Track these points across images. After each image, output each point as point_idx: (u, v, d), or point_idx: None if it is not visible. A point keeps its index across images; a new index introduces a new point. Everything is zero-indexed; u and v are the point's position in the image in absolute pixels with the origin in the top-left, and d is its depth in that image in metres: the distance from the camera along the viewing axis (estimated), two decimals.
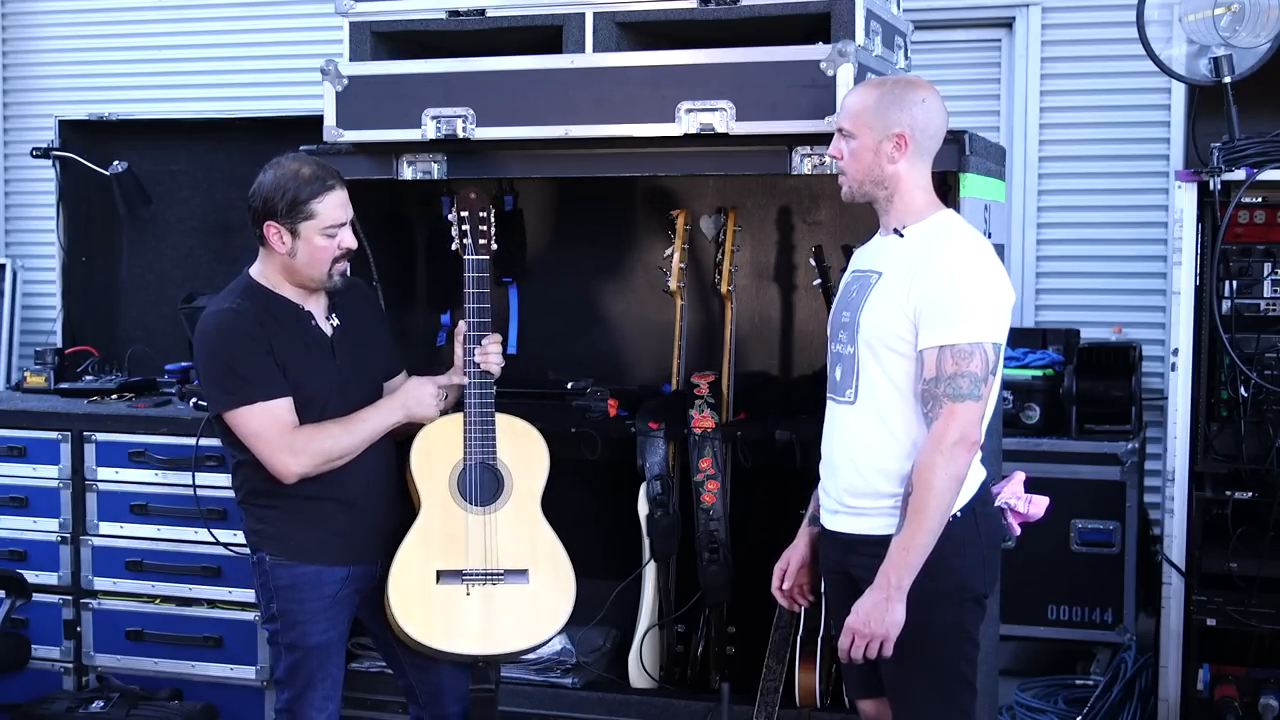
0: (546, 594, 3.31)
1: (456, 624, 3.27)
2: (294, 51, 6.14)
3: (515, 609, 3.28)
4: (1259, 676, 4.06)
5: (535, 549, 3.33)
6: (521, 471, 3.39)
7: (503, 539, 3.32)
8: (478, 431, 3.37)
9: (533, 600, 3.30)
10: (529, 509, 3.36)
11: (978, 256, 2.93)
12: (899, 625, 2.84)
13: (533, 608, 3.30)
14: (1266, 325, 4.03)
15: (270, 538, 3.33)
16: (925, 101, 2.96)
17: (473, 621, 3.27)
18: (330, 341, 3.35)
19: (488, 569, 3.28)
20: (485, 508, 3.34)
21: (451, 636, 3.26)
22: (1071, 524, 4.75)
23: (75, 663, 4.46)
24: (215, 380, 3.25)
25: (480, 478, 3.36)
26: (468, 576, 3.29)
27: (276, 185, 3.23)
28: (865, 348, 2.94)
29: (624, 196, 4.28)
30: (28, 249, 6.53)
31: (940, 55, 5.64)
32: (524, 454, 3.41)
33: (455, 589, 3.28)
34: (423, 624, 3.25)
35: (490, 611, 3.27)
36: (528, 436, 3.44)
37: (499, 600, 3.27)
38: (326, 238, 3.24)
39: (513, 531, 3.33)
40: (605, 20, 3.60)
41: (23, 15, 6.66)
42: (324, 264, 3.27)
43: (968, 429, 2.83)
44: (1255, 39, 4.00)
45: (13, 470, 4.48)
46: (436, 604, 3.27)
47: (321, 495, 3.29)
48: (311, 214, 3.22)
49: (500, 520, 3.33)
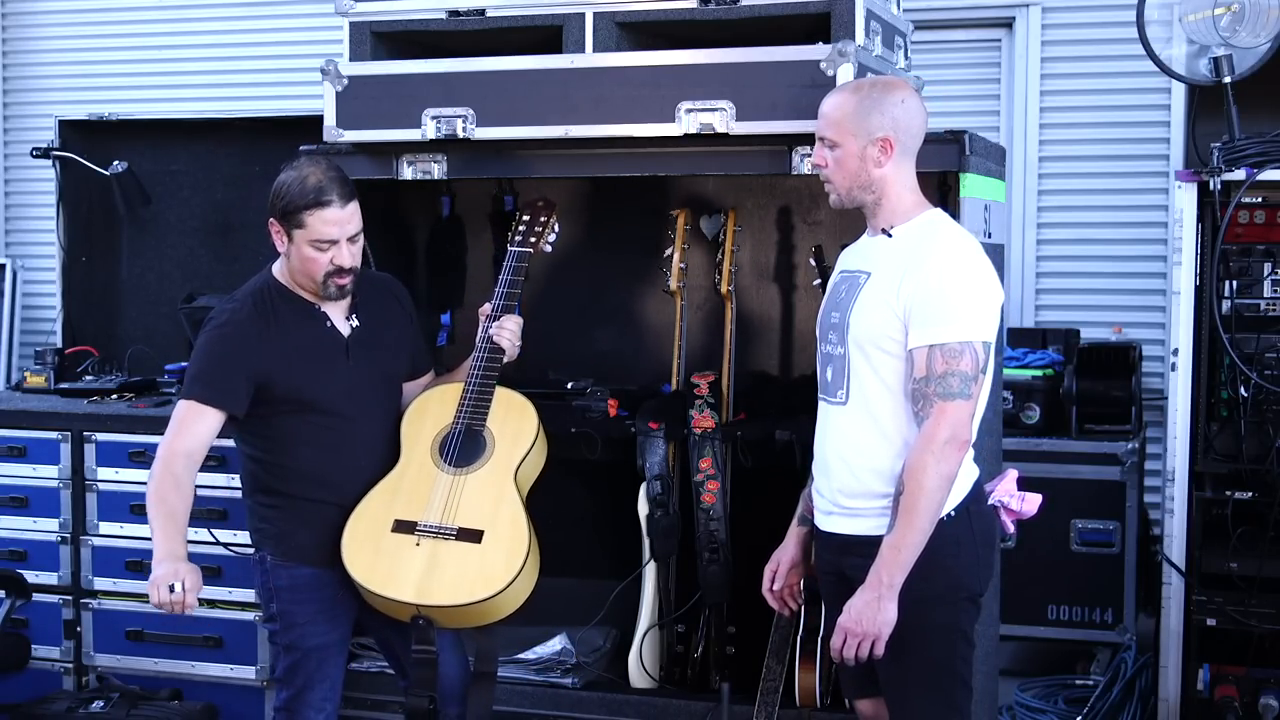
0: (493, 558, 3.23)
1: (398, 571, 3.22)
2: (294, 51, 6.14)
3: (459, 565, 3.22)
4: (1259, 676, 4.07)
5: (497, 515, 3.28)
6: (505, 440, 3.36)
7: (466, 500, 3.28)
8: (473, 399, 3.37)
9: (479, 561, 3.23)
10: (501, 477, 3.32)
11: (966, 255, 2.93)
12: (890, 624, 2.84)
13: (476, 567, 3.23)
14: (1266, 325, 4.04)
15: (271, 537, 3.34)
16: (905, 102, 2.95)
17: (414, 571, 3.21)
18: (345, 343, 3.34)
19: (442, 524, 3.24)
20: (459, 469, 3.32)
21: (389, 582, 3.21)
22: (1071, 524, 4.75)
23: (75, 663, 4.46)
24: (188, 369, 3.37)
25: (462, 441, 3.34)
26: (421, 529, 3.25)
27: (282, 186, 3.24)
28: (855, 348, 2.94)
29: (624, 196, 4.28)
30: (28, 249, 6.53)
31: (940, 55, 5.64)
32: (512, 425, 3.39)
33: (406, 539, 3.24)
34: (366, 567, 3.22)
35: (434, 565, 3.22)
36: (521, 410, 3.43)
37: (445, 555, 3.22)
38: (316, 250, 3.23)
39: (479, 495, 3.29)
40: (605, 20, 3.60)
41: (23, 15, 6.67)
42: (315, 275, 3.26)
43: (958, 428, 2.83)
44: (1255, 39, 4.00)
45: (13, 470, 4.48)
46: (385, 550, 3.23)
47: (324, 499, 3.29)
48: (301, 224, 3.22)
49: (470, 482, 3.30)
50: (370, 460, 3.33)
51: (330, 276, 3.26)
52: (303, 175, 3.23)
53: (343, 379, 3.32)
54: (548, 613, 4.15)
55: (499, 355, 3.41)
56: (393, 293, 3.53)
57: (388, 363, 3.42)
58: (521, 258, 3.54)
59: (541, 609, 4.26)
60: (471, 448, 3.34)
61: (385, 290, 3.50)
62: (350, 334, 3.35)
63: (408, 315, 3.53)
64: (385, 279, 3.56)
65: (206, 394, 3.24)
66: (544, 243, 3.58)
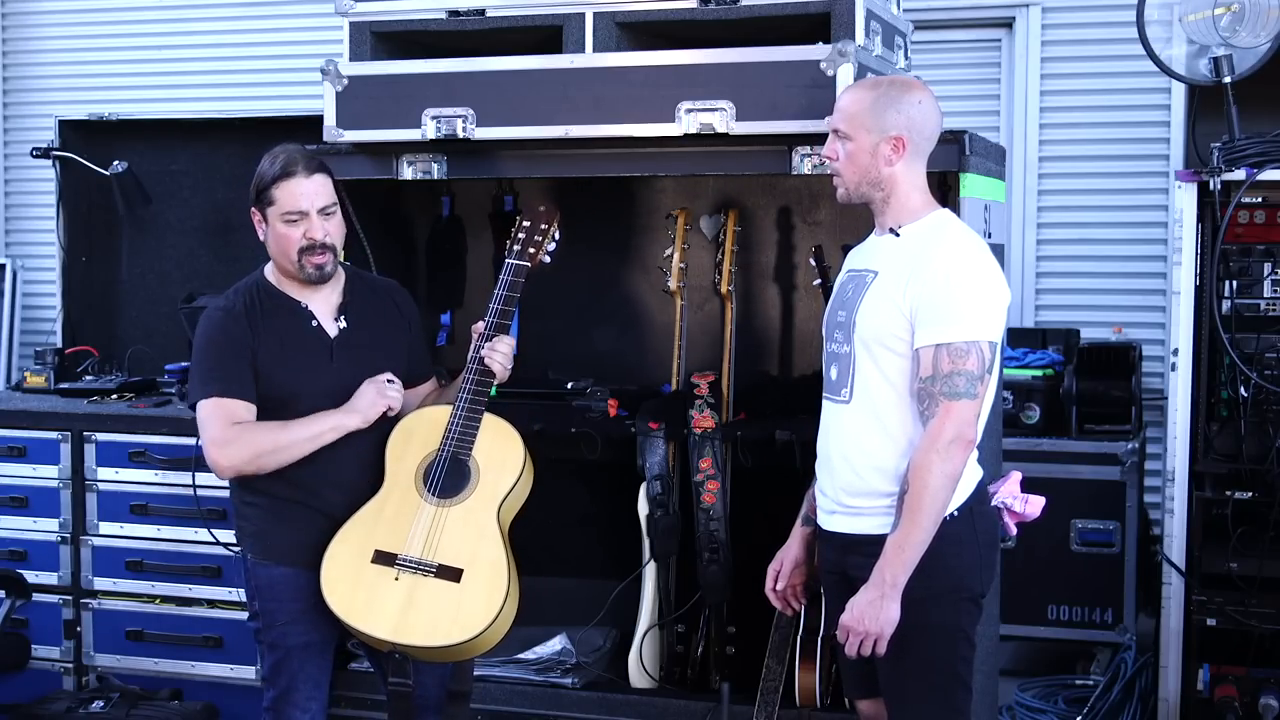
0: (472, 599, 3.19)
1: (375, 606, 3.19)
2: (294, 51, 6.14)
3: (435, 605, 3.18)
4: (1259, 676, 4.06)
5: (477, 553, 3.23)
6: (490, 472, 3.30)
7: (447, 535, 3.23)
8: (460, 425, 3.29)
9: (456, 602, 3.19)
10: (484, 512, 3.26)
11: (974, 256, 2.93)
12: (893, 623, 2.84)
13: (452, 609, 3.19)
14: (1266, 325, 4.03)
15: (250, 535, 3.34)
16: (921, 103, 2.96)
17: (391, 607, 3.18)
18: (331, 343, 3.32)
19: (422, 559, 3.20)
20: (442, 500, 3.26)
21: (366, 616, 3.18)
22: (1071, 524, 4.75)
23: (75, 663, 4.46)
24: (191, 372, 3.35)
25: (447, 469, 3.28)
26: (400, 562, 3.21)
27: (257, 171, 3.28)
28: (861, 347, 2.94)
29: (624, 196, 4.28)
30: (28, 249, 6.53)
31: (940, 55, 5.64)
32: (498, 455, 3.32)
33: (386, 572, 3.20)
34: (344, 598, 3.19)
35: (412, 602, 3.18)
36: (507, 438, 3.35)
37: (423, 593, 3.19)
38: (287, 224, 3.23)
39: (460, 530, 3.24)
40: (605, 20, 3.60)
41: (23, 15, 6.67)
42: (290, 252, 3.24)
43: (963, 427, 2.83)
44: (1255, 39, 4.00)
45: (13, 470, 4.48)
46: (364, 582, 3.20)
47: (300, 500, 3.27)
48: (272, 199, 3.23)
49: (452, 515, 3.25)
50: (351, 463, 3.29)
51: (304, 254, 3.24)
52: (273, 156, 3.28)
53: (326, 379, 3.29)
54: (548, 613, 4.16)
55: (489, 378, 3.33)
56: (393, 298, 3.48)
57: (376, 366, 3.34)
58: (518, 271, 3.39)
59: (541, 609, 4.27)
60: (456, 477, 3.28)
61: (384, 294, 3.46)
62: (337, 335, 3.33)
63: (406, 321, 3.47)
64: (387, 284, 3.53)
65: (226, 388, 3.22)
66: (543, 253, 3.45)
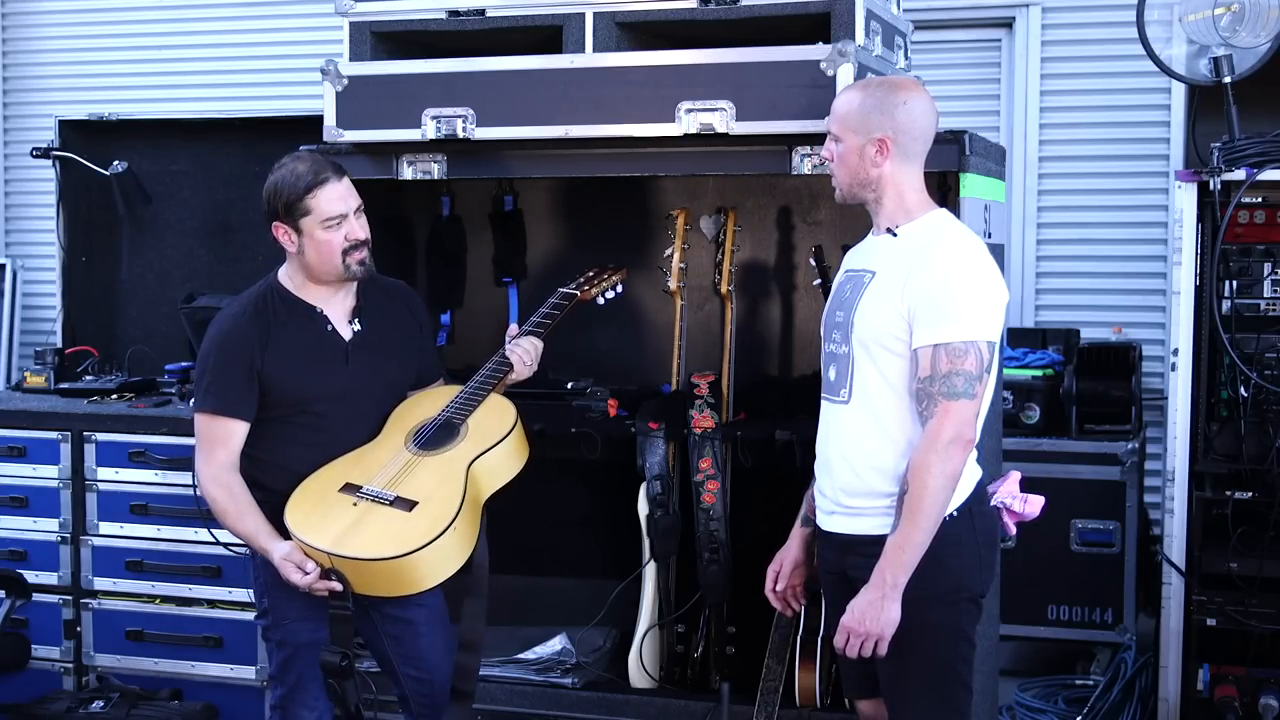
0: (414, 525, 3.20)
1: (326, 523, 3.21)
2: (294, 51, 6.15)
3: (380, 527, 3.21)
4: (1259, 676, 4.06)
5: (436, 492, 3.26)
6: (477, 434, 3.35)
7: (415, 475, 3.27)
8: (463, 397, 3.38)
9: (400, 525, 3.21)
10: (457, 463, 3.30)
11: (972, 255, 2.93)
12: (894, 624, 2.84)
13: (395, 530, 3.21)
14: (1266, 325, 4.03)
15: None
16: (907, 104, 2.95)
17: (340, 526, 3.21)
18: (346, 347, 3.34)
19: (383, 491, 3.24)
20: (422, 451, 3.32)
21: (312, 530, 3.21)
22: (1071, 524, 4.75)
23: (75, 663, 4.47)
24: (195, 379, 3.38)
25: (437, 428, 3.34)
26: (363, 493, 3.25)
27: (276, 186, 3.26)
28: (860, 347, 2.94)
29: (624, 196, 4.28)
30: (28, 249, 6.53)
31: (940, 55, 5.64)
32: (490, 422, 3.38)
33: (346, 499, 3.24)
34: (302, 517, 3.22)
35: (360, 523, 3.21)
36: (503, 410, 3.41)
37: (374, 516, 3.21)
38: (328, 230, 3.25)
39: (430, 474, 3.28)
40: (605, 20, 3.60)
41: (23, 15, 6.67)
42: (334, 258, 3.28)
43: (962, 427, 2.83)
44: (1255, 39, 4.00)
45: (13, 470, 4.49)
46: (324, 504, 3.24)
47: None
48: (308, 209, 3.24)
49: (427, 462, 3.30)
50: None
51: (348, 254, 3.28)
52: (290, 169, 3.27)
53: (340, 382, 3.32)
54: (548, 613, 4.17)
55: (506, 368, 3.42)
56: (404, 301, 3.52)
57: (390, 369, 3.40)
58: (566, 297, 3.62)
59: (541, 609, 4.28)
60: (443, 436, 3.34)
61: (396, 297, 3.50)
62: (352, 338, 3.36)
63: (418, 324, 3.52)
64: (399, 286, 3.55)
65: (220, 405, 3.26)
66: (597, 292, 3.67)
